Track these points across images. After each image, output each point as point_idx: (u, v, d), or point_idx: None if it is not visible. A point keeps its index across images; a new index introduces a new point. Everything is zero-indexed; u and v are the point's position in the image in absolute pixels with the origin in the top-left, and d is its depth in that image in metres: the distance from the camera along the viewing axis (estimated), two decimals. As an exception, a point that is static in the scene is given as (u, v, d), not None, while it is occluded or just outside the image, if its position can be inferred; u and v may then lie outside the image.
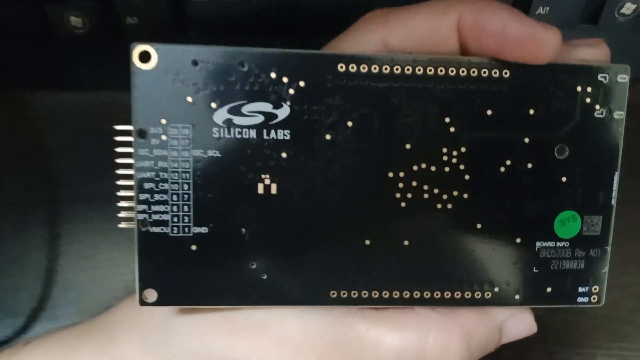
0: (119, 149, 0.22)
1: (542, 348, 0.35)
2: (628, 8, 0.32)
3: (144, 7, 0.30)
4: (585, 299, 0.25)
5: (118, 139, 0.22)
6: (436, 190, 0.23)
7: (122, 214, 0.23)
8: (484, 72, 0.23)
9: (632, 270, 0.36)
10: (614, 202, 0.24)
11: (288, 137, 0.22)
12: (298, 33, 0.31)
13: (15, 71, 0.33)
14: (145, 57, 0.22)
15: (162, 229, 0.23)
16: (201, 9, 0.31)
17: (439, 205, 0.23)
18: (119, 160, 0.22)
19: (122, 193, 0.23)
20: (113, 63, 0.22)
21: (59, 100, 0.34)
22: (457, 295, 0.24)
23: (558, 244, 0.24)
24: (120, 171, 0.22)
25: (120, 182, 0.23)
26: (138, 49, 0.22)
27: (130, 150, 0.22)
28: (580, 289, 0.24)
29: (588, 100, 0.23)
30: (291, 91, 0.22)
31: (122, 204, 0.23)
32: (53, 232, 0.34)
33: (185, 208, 0.22)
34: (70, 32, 0.30)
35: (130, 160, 0.22)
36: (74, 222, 0.35)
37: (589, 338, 0.36)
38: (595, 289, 0.24)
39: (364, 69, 0.22)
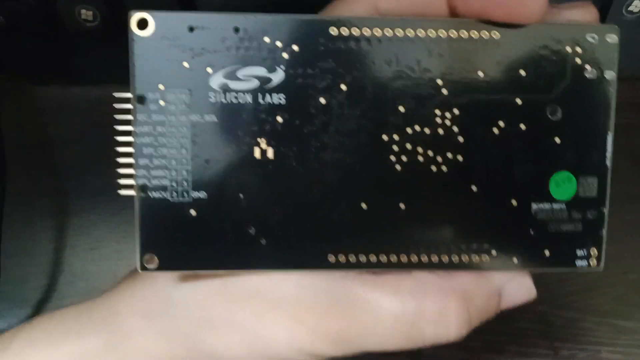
0: (118, 116, 0.23)
1: (546, 344, 0.35)
2: (636, 6, 0.32)
3: (154, 0, 0.31)
4: (584, 263, 0.24)
5: (117, 106, 0.23)
6: (430, 153, 0.23)
7: (123, 181, 0.23)
8: (474, 34, 0.23)
9: (638, 266, 0.36)
10: (608, 162, 0.24)
11: (283, 102, 0.23)
12: (299, 6, 0.31)
13: (24, 65, 0.34)
14: (142, 24, 0.22)
15: (161, 194, 0.23)
16: (212, 5, 0.31)
17: (434, 168, 0.24)
18: (120, 127, 0.23)
19: (122, 160, 0.23)
20: (123, 57, 0.23)
21: (67, 94, 0.35)
22: (455, 259, 0.24)
23: (554, 205, 0.24)
24: (121, 138, 0.23)
25: (120, 149, 0.23)
26: (136, 16, 0.22)
27: (129, 117, 0.23)
28: (579, 252, 0.24)
29: (578, 60, 0.23)
30: (285, 55, 0.23)
31: (123, 170, 0.23)
32: (60, 224, 0.35)
33: (184, 173, 0.23)
34: (81, 26, 0.31)
35: (129, 128, 0.23)
36: (81, 215, 0.35)
37: (594, 334, 0.36)
38: (594, 252, 0.24)
39: (355, 32, 0.23)
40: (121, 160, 0.23)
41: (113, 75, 0.32)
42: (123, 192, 0.23)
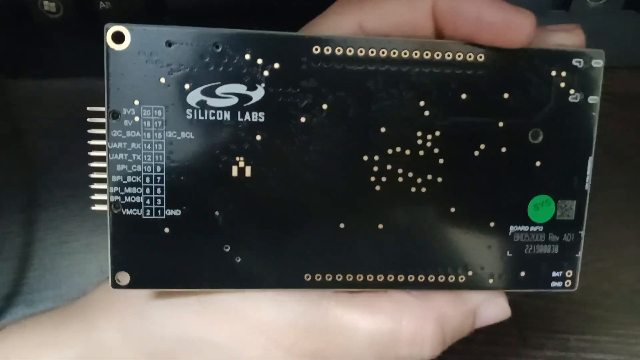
0: (93, 131, 0.22)
1: (515, 333, 0.35)
2: (601, -7, 0.32)
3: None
4: (559, 284, 0.25)
5: (91, 120, 0.22)
6: (410, 174, 0.23)
7: (96, 197, 0.23)
8: (459, 56, 0.23)
9: (606, 255, 0.37)
10: (587, 187, 0.24)
11: (262, 120, 0.22)
12: (274, 19, 0.31)
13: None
14: (118, 37, 0.21)
15: (134, 211, 0.22)
16: (182, 8, 0.30)
17: (413, 189, 0.23)
18: (93, 142, 0.22)
19: (95, 175, 0.22)
20: (90, 49, 0.22)
21: (37, 87, 0.34)
22: (432, 278, 0.24)
23: (532, 228, 0.24)
24: (94, 153, 0.22)
25: (94, 164, 0.22)
26: (112, 29, 0.21)
27: (103, 131, 0.22)
28: (554, 274, 0.25)
29: (562, 85, 0.23)
30: (266, 73, 0.22)
31: (96, 186, 0.23)
32: (30, 218, 0.34)
33: (158, 190, 0.22)
34: (45, 17, 0.30)
35: (103, 142, 0.22)
36: (51, 208, 0.35)
37: (563, 323, 0.36)
38: (569, 273, 0.25)
39: (339, 51, 0.22)
40: (94, 175, 0.22)
41: (83, 67, 0.31)
42: (96, 207, 0.23)
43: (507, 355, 0.35)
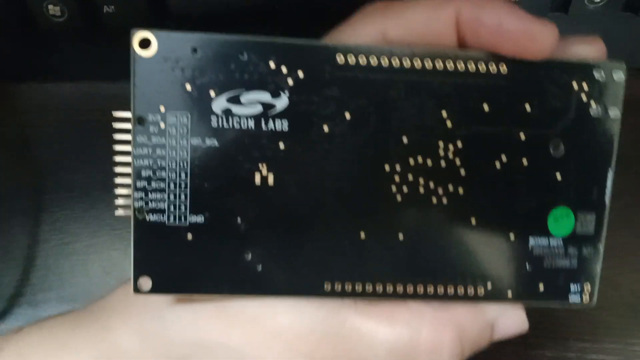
0: (118, 136, 0.22)
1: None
2: (598, -4, 0.32)
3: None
4: (577, 298, 0.25)
5: (116, 125, 0.22)
6: (432, 185, 0.23)
7: (120, 202, 0.23)
8: (481, 67, 0.23)
9: (609, 259, 0.36)
10: (607, 200, 0.24)
11: (286, 128, 0.22)
12: (276, 23, 0.31)
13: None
14: (145, 43, 0.22)
15: (158, 217, 0.23)
16: (184, 7, 0.31)
17: (434, 200, 0.23)
18: (117, 147, 0.22)
19: (119, 180, 0.23)
20: (94, 53, 0.22)
21: (42, 91, 0.35)
22: (451, 290, 0.24)
23: (551, 241, 0.24)
24: (118, 158, 0.23)
25: (118, 169, 0.23)
26: (138, 35, 0.22)
27: (128, 137, 0.22)
28: (573, 288, 0.25)
29: (583, 97, 0.23)
30: (290, 81, 0.22)
31: (119, 191, 0.23)
32: (35, 220, 0.35)
33: (182, 197, 0.22)
34: (50, 22, 0.30)
35: (128, 148, 0.22)
36: (56, 211, 0.35)
37: (563, 325, 0.36)
38: (588, 287, 0.25)
39: (362, 60, 0.22)
40: (118, 180, 0.23)
41: (88, 71, 0.32)
42: (119, 212, 0.23)
43: (507, 356, 0.35)
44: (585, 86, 0.23)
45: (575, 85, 0.23)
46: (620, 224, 0.36)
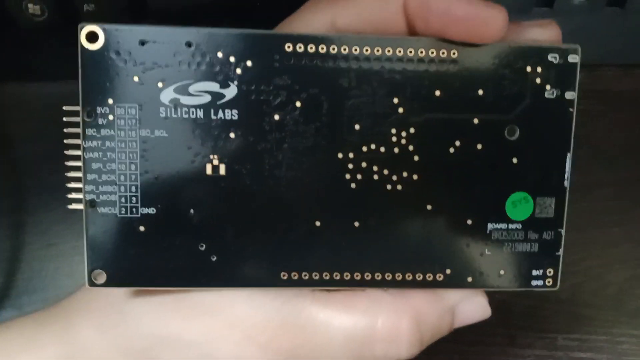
0: (68, 130, 0.22)
1: (503, 332, 0.35)
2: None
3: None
4: (540, 282, 0.24)
5: (67, 119, 0.22)
6: (386, 172, 0.23)
7: (72, 195, 0.23)
8: (432, 53, 0.23)
9: (595, 255, 0.37)
10: (567, 183, 0.24)
11: (236, 117, 0.22)
12: (255, 19, 0.31)
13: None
14: (92, 37, 0.22)
15: (110, 210, 0.23)
16: (163, 8, 0.31)
17: (388, 187, 0.23)
18: (68, 141, 0.22)
19: (72, 174, 0.23)
20: (74, 52, 0.22)
21: (23, 91, 0.35)
22: (409, 277, 0.24)
23: (510, 225, 0.24)
24: (70, 152, 0.23)
25: (70, 163, 0.23)
26: (85, 29, 0.22)
27: (78, 131, 0.22)
28: (535, 272, 0.24)
29: (538, 80, 0.23)
30: (238, 71, 0.22)
31: (73, 185, 0.23)
32: (18, 222, 0.35)
33: (133, 189, 0.22)
34: (30, 21, 0.30)
35: (78, 141, 0.22)
36: (39, 212, 0.35)
37: (551, 322, 0.36)
38: (550, 272, 0.24)
39: (311, 48, 0.22)
40: (70, 174, 0.23)
41: (68, 70, 0.31)
42: (72, 206, 0.23)
43: (495, 354, 0.35)
44: (540, 70, 0.23)
45: (530, 69, 0.23)
46: (608, 220, 0.36)
